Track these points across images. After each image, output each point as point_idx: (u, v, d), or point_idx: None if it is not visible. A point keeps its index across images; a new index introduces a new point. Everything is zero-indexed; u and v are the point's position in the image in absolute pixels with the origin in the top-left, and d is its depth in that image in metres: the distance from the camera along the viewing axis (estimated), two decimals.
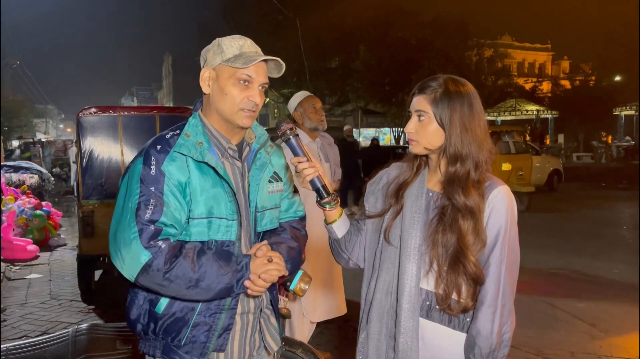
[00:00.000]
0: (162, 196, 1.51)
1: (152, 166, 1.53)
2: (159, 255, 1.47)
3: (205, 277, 1.50)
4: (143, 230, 1.48)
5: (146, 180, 1.52)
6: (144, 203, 1.50)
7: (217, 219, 1.57)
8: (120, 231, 1.51)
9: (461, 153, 1.51)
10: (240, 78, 1.58)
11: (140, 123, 5.64)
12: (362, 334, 1.67)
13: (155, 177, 1.52)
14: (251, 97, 1.59)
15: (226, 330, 1.61)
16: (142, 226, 1.48)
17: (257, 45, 1.68)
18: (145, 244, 1.47)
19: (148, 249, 1.47)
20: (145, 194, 1.51)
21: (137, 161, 1.57)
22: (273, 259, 1.57)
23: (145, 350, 1.66)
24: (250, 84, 1.60)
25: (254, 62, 1.57)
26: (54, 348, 2.77)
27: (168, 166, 1.54)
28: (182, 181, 1.55)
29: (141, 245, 1.47)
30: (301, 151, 1.59)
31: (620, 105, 27.48)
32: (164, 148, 1.56)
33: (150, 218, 1.49)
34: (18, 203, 8.17)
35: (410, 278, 1.53)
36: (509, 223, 1.49)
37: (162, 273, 1.47)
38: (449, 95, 1.51)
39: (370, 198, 1.72)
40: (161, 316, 1.58)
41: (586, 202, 12.56)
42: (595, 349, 4.04)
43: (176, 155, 1.56)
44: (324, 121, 3.49)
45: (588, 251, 7.32)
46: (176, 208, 1.53)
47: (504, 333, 1.49)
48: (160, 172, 1.53)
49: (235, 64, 1.57)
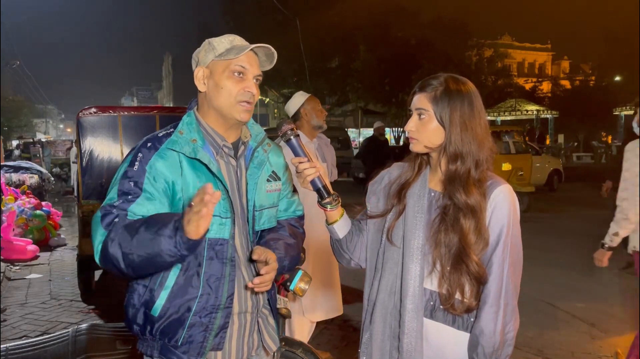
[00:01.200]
0: (140, 191, 1.53)
1: (137, 163, 1.56)
2: (112, 230, 1.48)
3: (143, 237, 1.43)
4: (106, 214, 1.51)
5: (128, 175, 1.55)
6: (120, 197, 1.53)
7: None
8: (92, 219, 1.55)
9: (461, 152, 1.50)
10: (235, 70, 1.60)
11: (140, 123, 5.64)
12: (365, 335, 1.66)
13: (137, 173, 1.54)
14: (247, 88, 1.61)
15: (222, 329, 1.61)
16: (106, 211, 1.51)
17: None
18: (104, 225, 1.50)
19: (105, 229, 1.50)
20: (123, 188, 1.53)
21: (127, 159, 1.60)
22: (269, 261, 1.56)
23: (143, 350, 1.66)
24: (245, 76, 1.61)
25: (247, 49, 1.59)
26: (54, 348, 2.77)
27: (155, 163, 1.55)
28: (169, 179, 1.55)
29: (101, 226, 1.50)
30: (302, 151, 1.59)
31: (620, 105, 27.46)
32: (154, 146, 1.58)
33: (118, 205, 1.51)
34: (18, 203, 8.17)
35: (414, 278, 1.53)
36: (512, 222, 1.48)
37: (110, 241, 1.47)
38: (449, 93, 1.50)
39: (372, 198, 1.71)
40: (157, 318, 1.58)
41: (586, 202, 12.56)
42: (595, 349, 4.05)
43: (167, 152, 1.57)
44: (325, 121, 3.59)
45: (588, 251, 7.30)
46: (155, 207, 1.53)
47: (507, 332, 1.48)
48: (143, 168, 1.55)
49: (228, 56, 1.59)
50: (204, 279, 1.58)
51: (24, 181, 11.75)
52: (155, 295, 1.58)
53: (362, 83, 25.48)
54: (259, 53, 1.67)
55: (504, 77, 28.35)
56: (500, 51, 29.31)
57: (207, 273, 1.58)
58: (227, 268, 1.60)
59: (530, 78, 39.97)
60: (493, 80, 26.40)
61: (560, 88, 36.26)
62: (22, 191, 9.86)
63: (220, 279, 1.59)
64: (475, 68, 24.95)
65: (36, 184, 12.13)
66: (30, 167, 12.92)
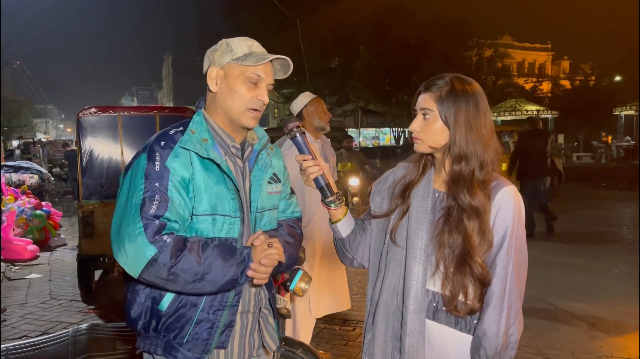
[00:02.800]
0: (166, 192, 1.51)
1: (157, 161, 1.53)
2: (165, 249, 1.46)
3: (211, 270, 1.50)
4: (148, 225, 1.47)
5: (150, 175, 1.52)
6: (149, 199, 1.49)
7: (220, 216, 1.57)
8: (124, 226, 1.50)
9: (466, 153, 1.49)
10: (250, 78, 1.59)
11: (140, 123, 5.65)
12: (367, 335, 1.66)
13: (159, 173, 1.52)
14: (260, 97, 1.61)
15: (228, 327, 1.61)
16: (147, 221, 1.48)
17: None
18: (150, 239, 1.46)
19: (153, 244, 1.46)
20: (150, 190, 1.50)
21: (141, 157, 1.56)
22: (272, 244, 1.58)
23: (145, 348, 1.64)
24: (259, 84, 1.61)
25: (266, 60, 1.58)
26: (54, 348, 2.76)
27: (172, 162, 1.54)
28: (185, 177, 1.55)
29: (146, 239, 1.46)
30: (307, 149, 1.59)
31: (620, 105, 27.45)
32: (168, 144, 1.56)
33: (155, 213, 1.49)
34: (18, 203, 8.17)
35: (417, 279, 1.52)
36: (516, 223, 1.47)
37: (168, 267, 1.46)
38: (454, 93, 1.49)
39: (376, 197, 1.71)
40: (164, 313, 1.58)
41: (586, 202, 12.55)
42: (595, 349, 4.04)
43: (180, 151, 1.56)
44: (328, 123, 3.56)
45: (588, 251, 7.31)
46: (180, 204, 1.53)
47: (510, 335, 1.47)
48: (165, 167, 1.53)
49: (246, 62, 1.58)
50: None
51: (24, 181, 11.75)
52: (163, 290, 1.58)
53: (362, 83, 25.45)
54: (275, 62, 1.67)
55: (504, 77, 28.30)
56: (500, 51, 29.28)
57: None
58: None
59: (530, 78, 39.93)
60: (493, 80, 26.35)
61: (560, 88, 36.23)
62: (22, 191, 9.86)
63: None
64: (475, 68, 24.93)
65: (36, 184, 12.13)
66: (30, 167, 12.92)
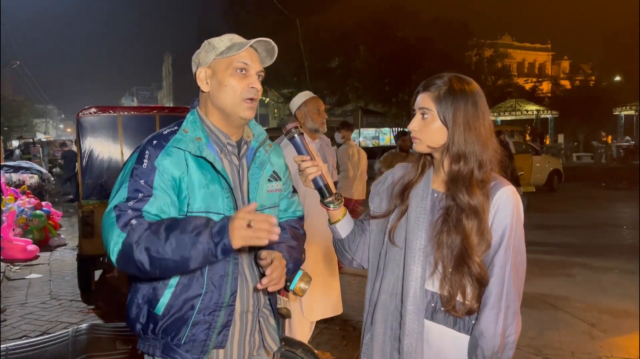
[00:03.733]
0: (151, 189, 1.53)
1: (145, 160, 1.55)
2: (132, 232, 1.46)
3: (178, 244, 1.42)
4: (121, 215, 1.49)
5: (137, 173, 1.54)
6: (132, 195, 1.52)
7: (214, 214, 1.57)
8: (103, 219, 1.53)
9: (464, 152, 1.49)
10: (237, 67, 1.61)
11: (140, 123, 5.65)
12: (366, 336, 1.66)
13: (146, 171, 1.54)
14: (251, 84, 1.62)
15: (225, 327, 1.62)
16: (120, 211, 1.50)
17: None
18: (121, 227, 1.48)
19: (123, 230, 1.47)
20: (134, 187, 1.53)
21: (132, 156, 1.60)
22: (274, 260, 1.56)
23: (144, 349, 1.65)
24: (248, 72, 1.62)
25: (247, 44, 1.60)
26: (54, 348, 2.76)
27: (162, 161, 1.55)
28: (175, 176, 1.56)
29: (118, 228, 1.48)
30: (305, 150, 1.59)
31: (620, 105, 27.46)
32: (160, 144, 1.58)
33: (133, 206, 1.50)
34: (18, 203, 8.16)
35: (415, 279, 1.52)
36: (515, 223, 1.47)
37: (134, 248, 1.44)
38: (453, 93, 1.49)
39: (375, 198, 1.71)
40: (161, 316, 1.58)
41: (586, 202, 12.55)
42: (595, 349, 4.04)
43: (173, 149, 1.57)
44: (324, 124, 3.48)
45: (588, 251, 7.31)
46: (165, 202, 1.54)
47: (508, 335, 1.46)
48: (153, 166, 1.54)
49: (229, 53, 1.60)
50: (208, 277, 1.58)
51: (24, 181, 11.76)
52: (159, 293, 1.58)
53: (362, 83, 25.49)
54: (259, 49, 1.67)
55: (504, 77, 28.38)
56: (500, 51, 29.37)
57: (210, 271, 1.58)
58: (230, 266, 1.61)
59: (530, 78, 39.97)
60: (493, 80, 26.41)
61: (560, 88, 36.25)
62: (22, 191, 9.86)
63: (224, 277, 1.60)
64: (475, 68, 24.97)
65: (36, 184, 12.14)
66: (30, 166, 12.93)
